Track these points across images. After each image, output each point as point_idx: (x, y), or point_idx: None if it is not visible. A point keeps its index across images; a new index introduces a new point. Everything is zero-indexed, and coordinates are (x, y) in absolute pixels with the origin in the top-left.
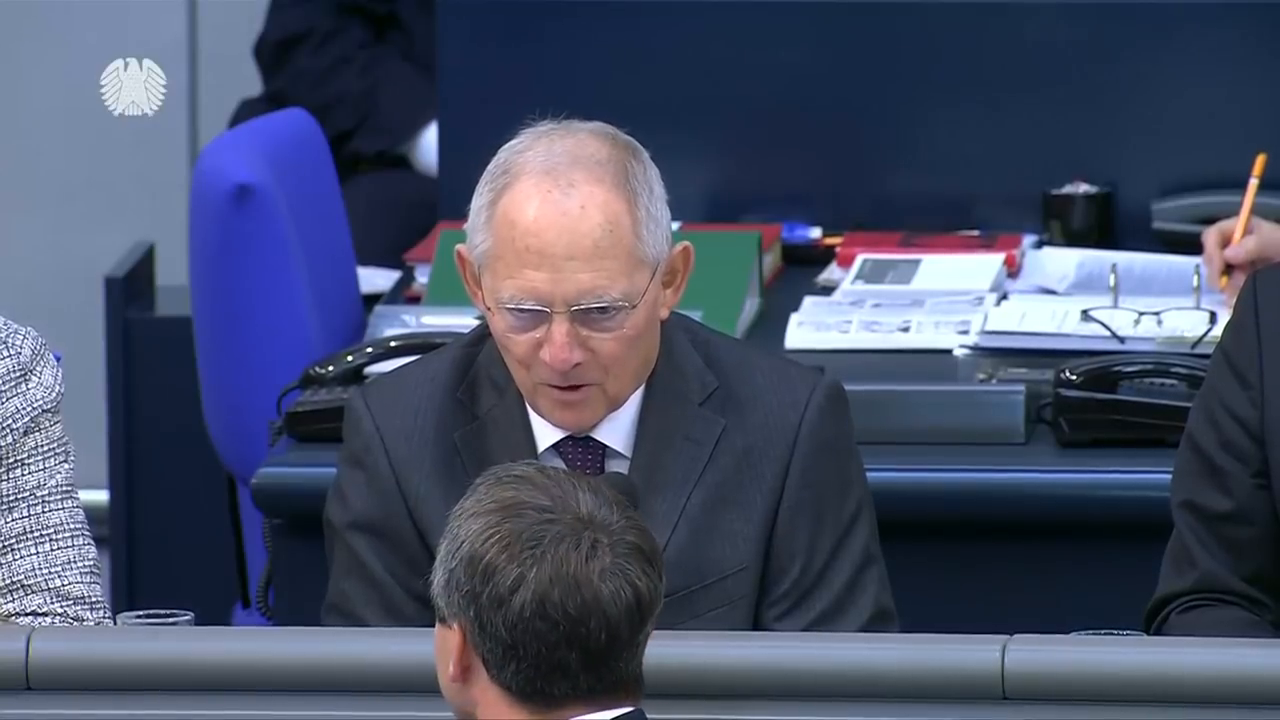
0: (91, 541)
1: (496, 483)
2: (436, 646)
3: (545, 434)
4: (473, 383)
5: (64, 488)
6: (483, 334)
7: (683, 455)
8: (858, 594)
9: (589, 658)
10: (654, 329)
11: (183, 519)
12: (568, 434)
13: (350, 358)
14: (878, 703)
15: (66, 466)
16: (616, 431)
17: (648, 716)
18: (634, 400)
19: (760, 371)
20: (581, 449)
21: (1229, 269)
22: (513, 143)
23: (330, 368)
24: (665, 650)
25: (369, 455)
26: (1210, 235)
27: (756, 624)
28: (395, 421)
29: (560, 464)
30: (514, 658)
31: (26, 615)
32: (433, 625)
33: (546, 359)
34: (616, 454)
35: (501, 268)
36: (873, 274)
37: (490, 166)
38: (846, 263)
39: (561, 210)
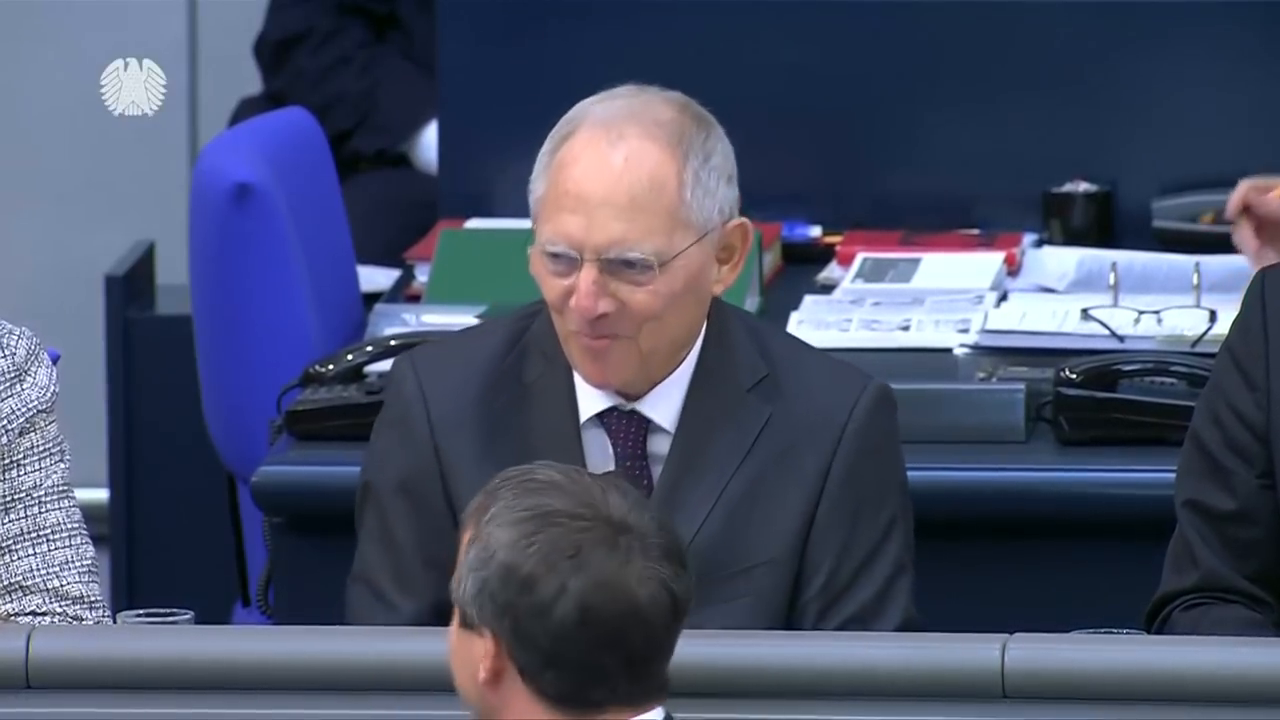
0: (89, 541)
1: (522, 490)
2: (456, 650)
3: (589, 404)
4: (523, 352)
5: (60, 488)
6: (538, 308)
7: (725, 440)
8: (889, 601)
9: (630, 665)
10: (696, 297)
11: (183, 518)
12: (612, 405)
13: (350, 356)
14: (878, 702)
15: (63, 466)
16: (662, 407)
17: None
18: (683, 378)
19: (811, 367)
20: (625, 421)
21: (1253, 219)
22: (591, 97)
23: (330, 366)
24: None
25: (409, 414)
26: (1244, 183)
27: (788, 622)
28: (440, 383)
29: (603, 435)
30: (553, 665)
31: (25, 615)
32: (443, 598)
33: (572, 305)
34: (660, 429)
35: (545, 211)
36: (873, 273)
37: (562, 119)
38: (846, 261)
39: (606, 160)
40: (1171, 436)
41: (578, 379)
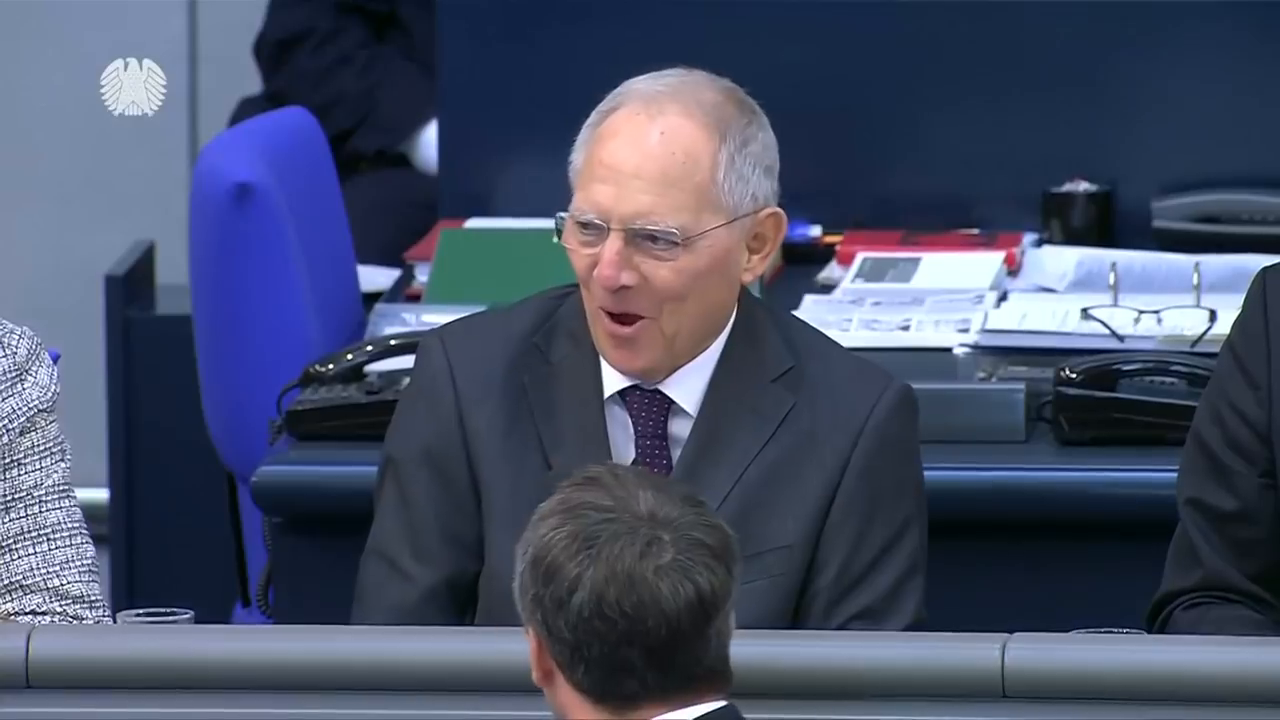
0: (89, 540)
1: (569, 485)
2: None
3: (612, 382)
4: (551, 330)
5: (61, 487)
6: (570, 290)
7: (747, 427)
8: (901, 599)
9: (652, 655)
10: (722, 280)
11: (183, 518)
12: (635, 384)
13: (350, 356)
14: (878, 702)
15: (63, 466)
16: (685, 389)
17: (741, 713)
18: (707, 363)
19: (836, 362)
20: (646, 400)
21: None
22: (640, 76)
23: (330, 366)
24: None
25: (435, 385)
26: None
27: (799, 612)
28: (467, 356)
29: (624, 413)
30: (581, 659)
31: (25, 614)
32: (459, 573)
33: (596, 275)
34: (682, 411)
35: (579, 181)
36: (873, 272)
37: (611, 92)
38: (847, 261)
39: (642, 133)
40: (1171, 436)
41: (602, 358)
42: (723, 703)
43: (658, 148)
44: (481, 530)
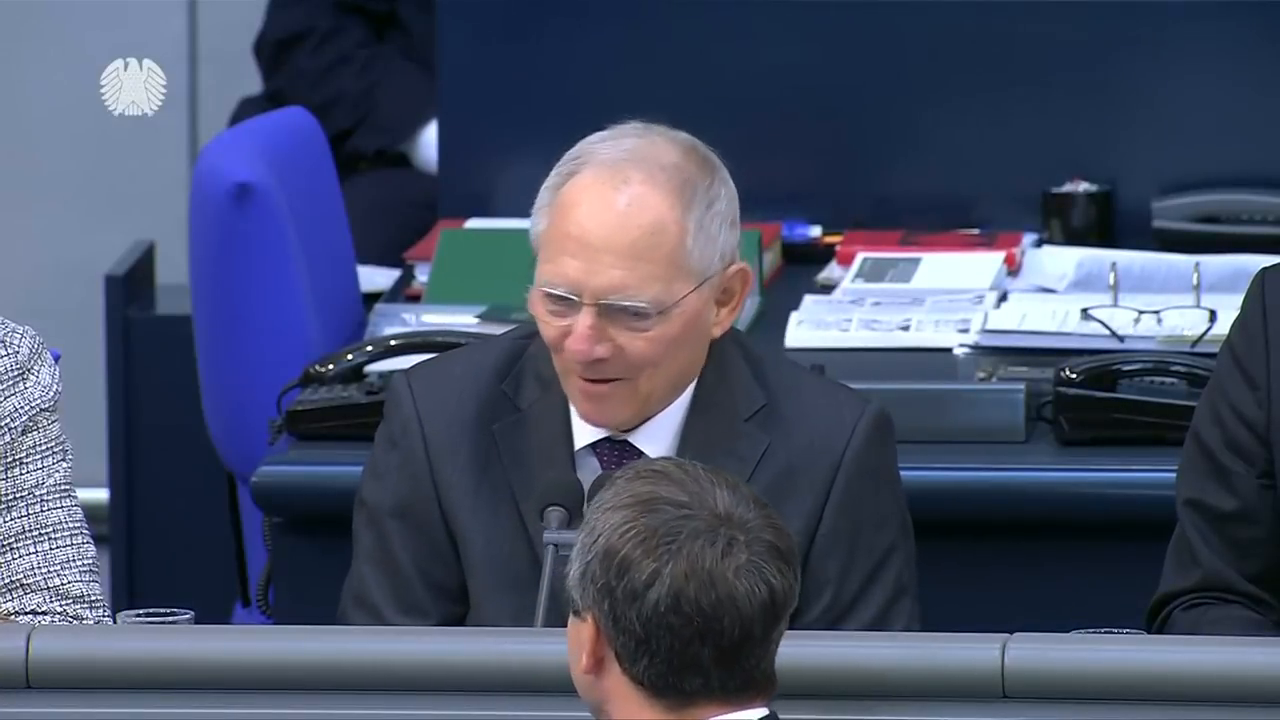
0: (90, 540)
1: (634, 477)
2: (570, 638)
3: (584, 433)
4: (519, 375)
5: (62, 486)
6: (535, 329)
7: (725, 469)
8: (888, 624)
9: (722, 654)
10: (694, 340)
11: (183, 518)
12: (605, 435)
13: (350, 356)
14: (878, 702)
15: (65, 465)
16: (655, 439)
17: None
18: (677, 410)
19: (809, 394)
20: (617, 453)
21: None
22: (594, 134)
23: (330, 366)
24: None
25: (405, 437)
26: None
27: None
28: (436, 406)
29: (595, 464)
30: (647, 652)
31: (25, 614)
32: (448, 618)
33: (569, 347)
34: None
35: (546, 252)
36: (873, 272)
37: (567, 153)
38: (846, 261)
39: (608, 204)
40: (1171, 436)
41: (573, 408)
42: (765, 711)
43: (625, 219)
44: (463, 577)
